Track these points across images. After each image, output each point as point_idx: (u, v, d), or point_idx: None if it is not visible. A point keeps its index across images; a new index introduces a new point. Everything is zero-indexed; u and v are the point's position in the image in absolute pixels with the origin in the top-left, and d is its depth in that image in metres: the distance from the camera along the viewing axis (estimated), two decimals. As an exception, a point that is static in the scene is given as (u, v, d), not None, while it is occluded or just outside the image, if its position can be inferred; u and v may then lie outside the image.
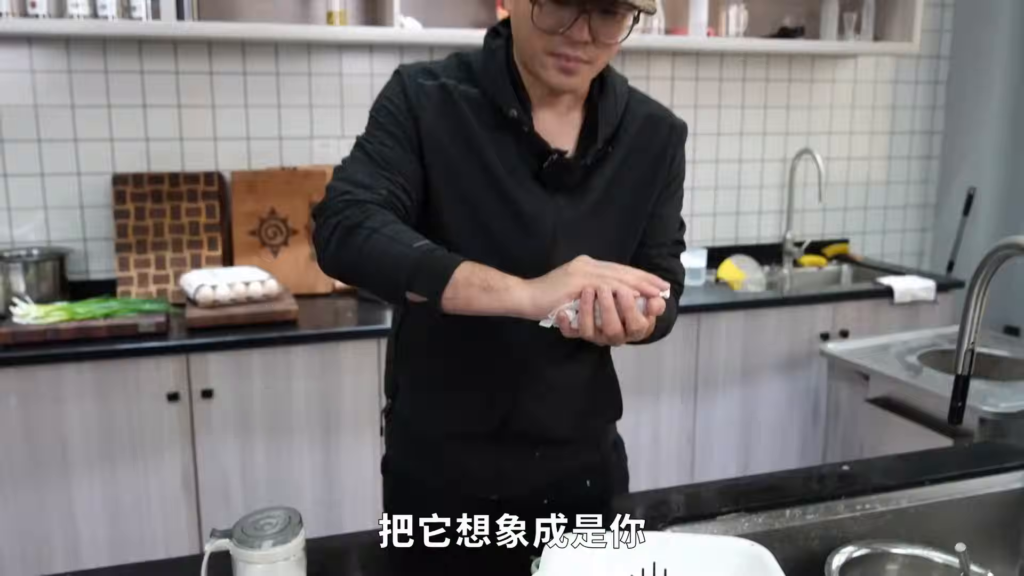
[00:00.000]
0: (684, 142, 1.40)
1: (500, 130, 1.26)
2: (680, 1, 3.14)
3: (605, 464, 1.51)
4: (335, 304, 2.77)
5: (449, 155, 1.25)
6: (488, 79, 1.27)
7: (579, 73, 1.22)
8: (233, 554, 1.08)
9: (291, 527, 1.09)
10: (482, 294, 1.08)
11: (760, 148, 3.55)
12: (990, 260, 1.16)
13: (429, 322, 1.29)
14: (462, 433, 1.37)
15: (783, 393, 3.03)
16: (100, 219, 2.78)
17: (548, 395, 1.37)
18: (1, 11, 2.39)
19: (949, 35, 3.76)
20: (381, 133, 1.25)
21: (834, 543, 1.39)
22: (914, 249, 3.94)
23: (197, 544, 2.39)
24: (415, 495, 1.43)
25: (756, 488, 1.47)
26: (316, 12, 2.85)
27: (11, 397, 2.23)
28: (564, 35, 1.17)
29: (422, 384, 1.40)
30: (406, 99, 1.25)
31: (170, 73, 2.78)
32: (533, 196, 1.27)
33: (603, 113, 1.30)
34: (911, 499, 1.46)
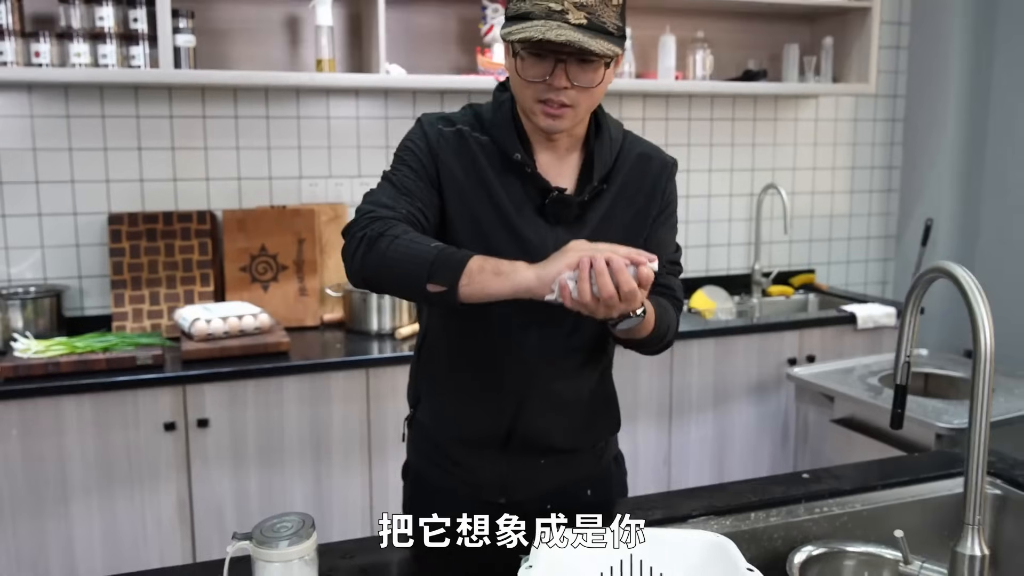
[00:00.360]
0: (674, 176, 1.57)
1: (507, 171, 1.43)
2: (650, 47, 3.33)
3: (606, 475, 1.67)
4: (323, 336, 2.89)
5: (463, 190, 1.42)
6: (496, 128, 1.45)
7: (565, 117, 1.38)
8: (253, 554, 1.19)
9: (304, 529, 1.21)
10: (494, 278, 1.24)
11: (728, 184, 3.73)
12: (920, 282, 1.31)
13: (447, 339, 1.47)
14: (473, 440, 1.53)
15: (753, 415, 3.18)
16: (95, 257, 2.89)
17: (551, 408, 1.52)
18: (7, 60, 2.52)
19: (904, 76, 3.98)
20: (404, 168, 1.42)
21: (795, 543, 1.52)
22: (877, 278, 4.13)
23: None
24: (430, 498, 1.58)
25: (724, 493, 1.61)
26: (304, 59, 3.00)
27: (12, 429, 2.33)
28: (547, 83, 1.34)
29: (439, 395, 1.55)
30: (427, 141, 1.42)
31: (165, 117, 2.91)
32: (536, 228, 1.43)
33: (598, 155, 1.47)
34: (865, 503, 1.60)
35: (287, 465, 2.57)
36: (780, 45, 3.59)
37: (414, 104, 3.16)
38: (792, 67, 3.54)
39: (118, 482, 2.42)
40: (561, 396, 1.53)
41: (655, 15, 3.35)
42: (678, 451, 3.08)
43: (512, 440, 1.52)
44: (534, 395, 1.50)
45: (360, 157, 3.13)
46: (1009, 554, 1.66)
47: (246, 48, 2.94)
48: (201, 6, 2.83)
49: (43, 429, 2.35)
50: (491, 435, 1.52)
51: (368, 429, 2.64)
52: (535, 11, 1.31)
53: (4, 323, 2.66)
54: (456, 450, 1.56)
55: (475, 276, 1.25)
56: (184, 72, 2.68)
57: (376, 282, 1.36)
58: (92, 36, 2.60)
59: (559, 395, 1.53)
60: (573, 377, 1.54)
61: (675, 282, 1.58)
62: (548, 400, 1.52)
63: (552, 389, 1.52)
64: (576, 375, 1.54)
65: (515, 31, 1.32)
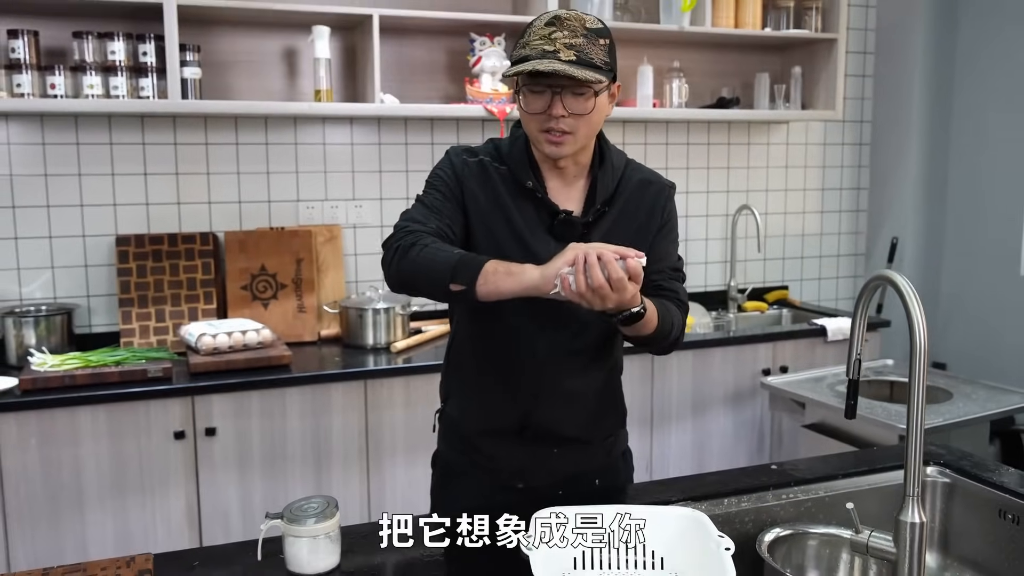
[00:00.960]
0: (672, 196, 1.78)
1: (522, 196, 1.65)
2: (628, 76, 3.53)
3: (614, 467, 1.85)
4: (321, 351, 3.04)
5: (484, 212, 1.64)
6: (512, 159, 1.66)
7: (566, 143, 1.59)
8: (284, 531, 1.35)
9: (329, 509, 1.37)
10: (506, 278, 1.46)
11: (704, 205, 3.93)
12: (866, 289, 1.49)
13: (471, 343, 1.71)
14: (494, 431, 1.73)
15: (730, 422, 3.36)
16: (104, 277, 3.04)
17: (561, 402, 1.72)
18: (24, 92, 2.68)
19: (871, 102, 4.21)
20: (434, 192, 1.64)
21: (764, 525, 1.70)
22: (848, 294, 4.33)
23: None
24: (456, 482, 1.78)
25: (701, 482, 1.78)
26: (302, 89, 3.18)
27: (31, 438, 2.46)
28: (547, 113, 1.55)
29: (466, 391, 1.76)
30: (454, 169, 1.65)
31: (169, 144, 3.07)
32: (545, 245, 1.63)
33: (601, 181, 1.68)
34: (827, 490, 1.78)
35: (290, 471, 2.72)
36: (752, 74, 3.80)
37: (406, 131, 3.35)
38: (763, 95, 3.76)
39: (130, 487, 2.56)
40: (570, 392, 1.72)
41: (633, 46, 3.55)
42: (659, 456, 3.25)
43: (527, 430, 1.71)
44: (545, 391, 1.70)
45: (355, 181, 3.30)
46: (958, 535, 1.84)
47: (248, 79, 3.12)
48: (206, 40, 3.01)
49: (60, 438, 2.49)
50: (509, 426, 1.72)
51: (366, 437, 2.79)
52: (532, 53, 1.54)
53: (18, 340, 2.80)
54: (480, 440, 1.75)
55: (490, 277, 1.46)
56: (190, 102, 2.84)
57: (410, 284, 1.57)
58: (104, 69, 2.77)
59: (568, 391, 1.72)
60: (580, 375, 1.73)
61: (679, 287, 1.77)
62: (558, 395, 1.71)
63: (561, 385, 1.71)
64: (583, 373, 1.73)
65: (515, 68, 1.53)
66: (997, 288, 3.88)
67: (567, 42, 1.52)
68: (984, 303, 3.95)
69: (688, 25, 3.39)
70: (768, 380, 3.11)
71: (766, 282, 4.10)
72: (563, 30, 1.53)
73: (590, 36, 1.54)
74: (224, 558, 1.42)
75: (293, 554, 1.35)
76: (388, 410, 2.81)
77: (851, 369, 1.49)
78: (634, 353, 3.15)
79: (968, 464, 1.87)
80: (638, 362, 3.18)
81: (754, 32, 3.55)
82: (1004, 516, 1.73)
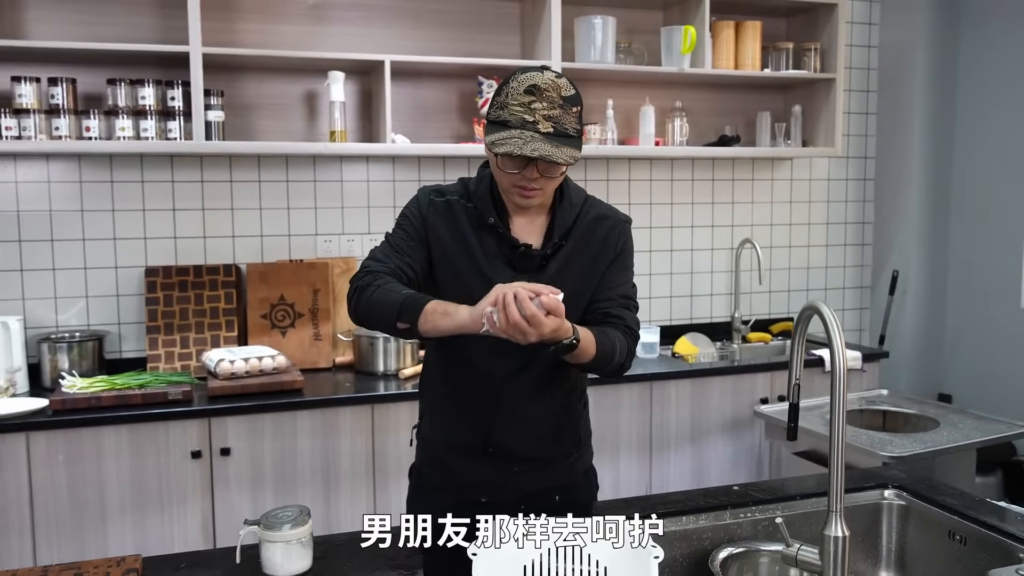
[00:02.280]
0: (627, 231, 1.88)
1: (485, 231, 1.77)
2: (632, 116, 3.66)
3: (574, 485, 1.94)
4: (335, 377, 3.18)
5: (447, 246, 1.77)
6: (477, 197, 1.79)
7: (535, 197, 1.72)
8: (260, 536, 1.47)
9: (301, 517, 1.49)
10: (442, 318, 1.60)
11: (710, 238, 4.02)
12: (801, 317, 1.58)
13: (440, 368, 1.84)
14: (458, 447, 1.84)
15: (730, 449, 3.42)
16: (133, 306, 3.21)
17: (519, 423, 1.83)
18: (62, 134, 2.88)
19: (873, 139, 4.27)
20: (400, 231, 1.78)
21: (721, 543, 1.78)
22: (854, 326, 4.37)
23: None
24: (427, 494, 1.90)
25: (663, 501, 1.87)
26: (320, 130, 3.35)
27: (60, 454, 2.62)
28: (521, 174, 1.67)
29: (434, 409, 1.89)
30: (420, 209, 1.78)
31: (196, 182, 3.25)
32: (503, 276, 1.73)
33: (559, 217, 1.80)
34: (785, 509, 1.85)
35: (300, 490, 2.84)
36: (754, 112, 3.90)
37: (419, 169, 3.50)
38: (765, 132, 3.85)
39: (150, 503, 2.71)
40: (525, 414, 1.82)
41: (636, 87, 3.68)
42: (658, 481, 3.32)
43: (488, 449, 1.82)
44: (503, 413, 1.81)
45: (370, 216, 3.46)
46: (914, 556, 1.90)
47: (269, 121, 3.30)
48: (230, 85, 3.19)
49: (86, 455, 2.64)
50: (472, 444, 1.83)
51: (373, 458, 2.91)
52: (512, 120, 1.63)
53: (53, 364, 2.98)
54: (448, 456, 1.86)
55: (429, 316, 1.61)
56: (214, 143, 3.02)
57: (366, 321, 1.73)
58: (135, 112, 2.96)
59: (523, 413, 1.82)
60: (535, 399, 1.82)
61: (628, 315, 1.86)
62: (515, 417, 1.81)
63: (518, 408, 1.81)
64: (537, 397, 1.83)
65: (497, 143, 1.63)
66: (999, 321, 3.90)
67: (545, 113, 1.62)
68: (987, 335, 3.97)
69: (688, 67, 3.50)
70: (761, 408, 3.17)
71: (771, 314, 4.15)
72: (542, 100, 1.62)
73: (565, 106, 1.64)
74: (208, 562, 1.54)
75: (268, 558, 1.46)
76: (394, 432, 2.92)
77: (791, 394, 1.57)
78: (633, 382, 3.28)
79: (924, 487, 1.93)
80: (636, 389, 3.27)
81: (753, 73, 3.65)
82: (952, 537, 1.79)
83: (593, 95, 3.65)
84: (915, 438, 2.78)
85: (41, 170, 3.09)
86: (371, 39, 3.35)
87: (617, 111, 3.61)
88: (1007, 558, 1.66)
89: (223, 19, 3.18)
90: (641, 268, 3.86)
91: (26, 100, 2.85)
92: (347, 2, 3.34)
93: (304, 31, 3.29)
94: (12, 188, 3.07)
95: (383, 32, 3.37)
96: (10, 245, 3.08)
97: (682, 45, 3.46)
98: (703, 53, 3.51)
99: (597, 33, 3.41)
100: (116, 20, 3.08)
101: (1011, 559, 1.65)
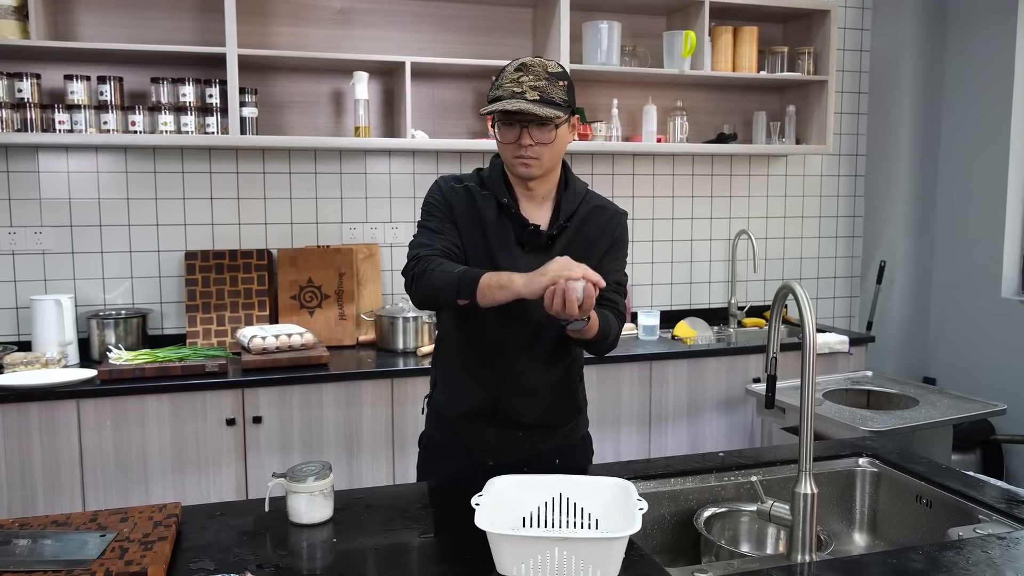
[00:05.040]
0: (623, 222, 1.95)
1: (499, 213, 1.84)
2: (636, 114, 3.70)
3: (572, 450, 2.01)
4: (358, 353, 3.25)
5: (468, 227, 1.83)
6: (491, 182, 1.86)
7: (533, 165, 1.79)
8: (286, 487, 1.54)
9: (323, 471, 1.56)
10: (498, 291, 1.65)
11: (708, 230, 4.06)
12: (778, 296, 1.62)
13: (456, 338, 1.89)
14: (469, 414, 1.90)
15: (724, 425, 3.47)
16: (174, 286, 3.30)
17: (524, 392, 1.89)
18: (110, 128, 2.96)
19: (864, 137, 4.29)
20: (432, 218, 1.84)
21: (705, 503, 1.83)
22: (844, 313, 4.40)
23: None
24: (437, 458, 1.97)
25: (655, 465, 1.92)
26: (346, 125, 3.42)
27: (107, 420, 2.71)
28: (517, 143, 1.75)
29: (449, 380, 1.95)
30: (443, 195, 1.85)
31: (232, 173, 3.33)
32: (513, 254, 1.83)
33: (565, 202, 1.87)
34: (766, 474, 1.91)
35: (325, 455, 2.92)
36: (751, 111, 3.93)
37: (437, 162, 3.56)
38: (761, 131, 3.88)
39: (188, 466, 2.80)
40: (531, 383, 1.89)
41: (640, 87, 3.72)
42: (656, 453, 3.37)
43: (496, 415, 1.88)
44: (511, 381, 1.87)
45: (392, 206, 3.52)
46: (885, 519, 1.95)
47: (298, 117, 3.37)
48: (263, 84, 3.27)
49: (130, 421, 2.73)
50: (482, 411, 1.89)
51: (392, 428, 2.99)
52: (503, 94, 1.73)
53: (101, 338, 3.07)
54: (458, 422, 1.93)
55: (485, 291, 1.66)
56: (248, 137, 3.10)
57: (429, 302, 1.80)
58: (176, 109, 3.03)
59: (530, 382, 1.89)
60: (540, 370, 1.89)
61: (619, 299, 1.92)
62: (521, 385, 1.88)
63: (524, 378, 1.88)
64: (542, 368, 1.89)
65: (489, 108, 1.74)
66: (981, 309, 3.92)
67: (532, 84, 1.71)
68: (969, 323, 3.99)
69: (688, 69, 3.54)
70: (752, 387, 3.22)
71: (766, 301, 4.19)
72: (528, 75, 1.73)
73: (551, 79, 1.74)
74: (240, 511, 1.61)
75: (293, 506, 1.54)
76: (412, 405, 3.00)
77: (768, 365, 1.62)
78: (634, 361, 3.33)
79: (895, 456, 1.98)
80: (637, 368, 3.32)
81: (750, 75, 3.68)
82: (920, 500, 1.84)
83: (599, 95, 3.70)
84: (895, 415, 2.82)
85: (91, 161, 3.18)
86: (393, 42, 3.42)
87: (621, 110, 3.65)
88: (968, 519, 1.71)
89: (257, 23, 3.25)
90: (643, 256, 3.93)
91: (78, 97, 2.94)
92: (371, 7, 3.40)
93: (331, 34, 3.36)
94: (65, 178, 3.16)
95: (404, 35, 3.43)
96: (63, 230, 3.17)
97: (683, 48, 3.50)
98: (703, 56, 3.54)
99: (603, 37, 3.45)
100: (159, 24, 3.16)
101: (971, 519, 1.70)
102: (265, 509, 1.57)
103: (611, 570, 1.32)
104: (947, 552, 1.45)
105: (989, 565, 1.40)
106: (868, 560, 1.47)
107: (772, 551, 1.80)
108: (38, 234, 3.14)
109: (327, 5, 3.35)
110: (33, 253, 3.15)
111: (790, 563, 1.45)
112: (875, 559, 1.46)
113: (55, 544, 1.40)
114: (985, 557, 1.43)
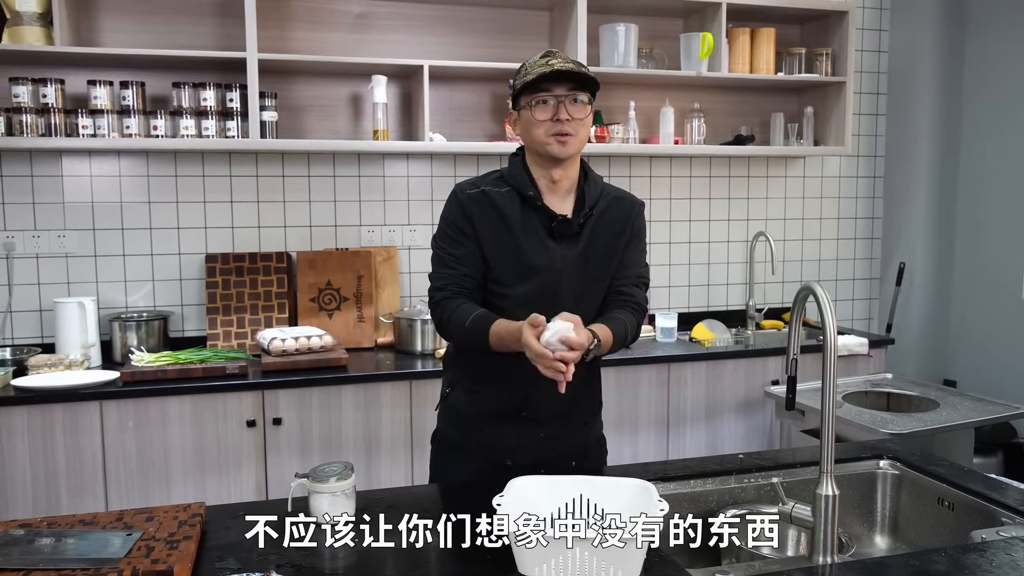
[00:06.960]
0: (642, 212, 1.97)
1: (523, 208, 1.85)
2: (653, 116, 3.70)
3: (587, 453, 2.02)
4: (377, 356, 3.26)
5: (492, 229, 1.84)
6: (514, 178, 1.87)
7: (569, 144, 1.81)
8: (309, 488, 1.55)
9: (346, 471, 1.57)
10: (511, 345, 1.71)
11: (726, 231, 4.05)
12: (798, 298, 1.62)
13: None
14: (492, 414, 1.91)
15: (743, 427, 3.45)
16: (194, 289, 3.33)
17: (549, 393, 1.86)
18: (132, 132, 2.99)
19: (883, 139, 4.27)
20: (446, 239, 1.86)
21: (726, 505, 1.83)
22: (864, 315, 4.38)
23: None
24: (454, 456, 1.97)
25: (675, 467, 1.92)
26: (365, 129, 3.43)
27: (129, 421, 2.74)
28: (553, 120, 1.77)
29: (471, 380, 1.95)
30: (461, 207, 1.85)
31: (252, 176, 3.36)
32: (545, 245, 1.84)
33: (587, 193, 1.89)
34: (785, 476, 1.90)
35: (344, 457, 2.93)
36: (768, 113, 3.92)
37: (455, 165, 3.57)
38: (779, 132, 3.87)
39: (209, 466, 2.82)
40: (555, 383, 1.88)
41: (657, 89, 3.72)
42: (675, 455, 3.36)
43: (520, 415, 1.89)
44: (537, 382, 1.85)
45: (410, 209, 3.54)
46: (905, 519, 1.94)
47: (317, 121, 3.39)
48: (283, 88, 3.29)
49: (152, 422, 2.76)
50: (508, 410, 1.90)
51: (411, 429, 3.00)
52: (534, 78, 1.77)
53: (123, 340, 3.10)
54: (481, 421, 1.93)
55: (495, 344, 1.75)
56: (268, 141, 3.12)
57: (458, 345, 1.93)
58: (197, 113, 3.06)
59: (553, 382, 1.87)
60: None
61: (638, 292, 1.93)
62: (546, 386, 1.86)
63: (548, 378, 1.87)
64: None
65: (526, 86, 1.77)
66: (1002, 311, 3.89)
67: (562, 60, 1.78)
68: (990, 325, 3.96)
69: (706, 71, 3.54)
70: (771, 389, 3.20)
71: (784, 303, 4.17)
72: (556, 58, 1.79)
73: (578, 63, 1.80)
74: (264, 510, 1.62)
75: (315, 506, 1.55)
76: (430, 406, 3.00)
77: (789, 367, 1.62)
78: (652, 363, 3.33)
79: (917, 458, 1.97)
80: (655, 371, 3.32)
81: (768, 76, 3.68)
82: (941, 503, 1.83)
83: (616, 97, 3.70)
84: (915, 417, 2.80)
85: (113, 165, 3.21)
86: (411, 46, 3.43)
87: (639, 112, 3.65)
88: (990, 521, 1.69)
89: (277, 28, 3.28)
90: (661, 259, 3.93)
91: (100, 102, 2.97)
92: (389, 12, 3.42)
93: (350, 38, 3.38)
94: (87, 182, 3.19)
95: (422, 39, 3.45)
96: (85, 233, 3.20)
97: (700, 50, 3.50)
98: (720, 58, 3.54)
99: (620, 39, 3.45)
100: (181, 29, 3.19)
101: (994, 522, 1.68)
102: (288, 509, 1.58)
103: (633, 571, 1.32)
104: (970, 554, 1.44)
105: (1013, 567, 1.39)
106: (890, 562, 1.46)
107: (793, 553, 1.79)
108: (61, 237, 3.18)
109: (345, 10, 3.37)
110: (57, 256, 3.19)
111: (811, 565, 1.45)
112: (897, 561, 1.45)
113: (78, 543, 1.42)
114: (1009, 560, 1.42)
